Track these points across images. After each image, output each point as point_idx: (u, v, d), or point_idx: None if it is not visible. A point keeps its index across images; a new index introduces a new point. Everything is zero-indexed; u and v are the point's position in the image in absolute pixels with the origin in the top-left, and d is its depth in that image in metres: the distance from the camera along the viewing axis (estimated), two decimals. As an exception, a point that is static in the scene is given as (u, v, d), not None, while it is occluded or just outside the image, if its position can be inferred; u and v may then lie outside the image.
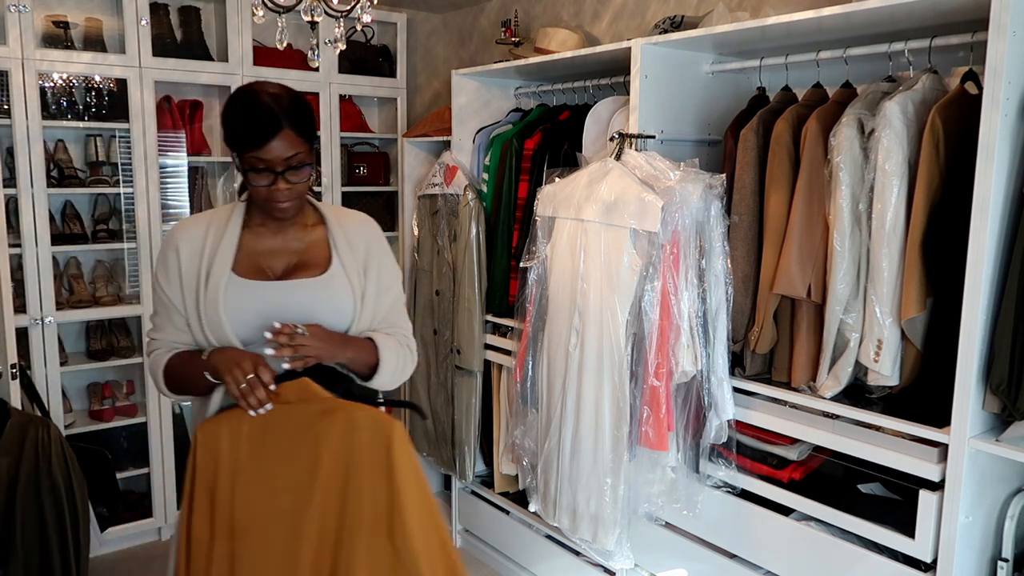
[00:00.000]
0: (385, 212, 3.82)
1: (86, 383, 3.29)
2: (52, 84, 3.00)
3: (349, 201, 3.66)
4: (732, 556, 2.16)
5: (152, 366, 1.62)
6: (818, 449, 2.03)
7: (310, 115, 1.55)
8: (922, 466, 1.73)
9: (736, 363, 2.15)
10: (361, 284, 1.63)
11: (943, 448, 1.70)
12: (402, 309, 1.75)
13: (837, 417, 1.90)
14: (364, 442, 1.45)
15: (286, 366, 1.47)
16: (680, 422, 2.15)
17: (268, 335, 1.45)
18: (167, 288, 1.59)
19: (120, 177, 3.14)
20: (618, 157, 2.26)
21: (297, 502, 1.45)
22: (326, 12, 1.93)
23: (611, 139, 2.35)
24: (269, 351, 1.44)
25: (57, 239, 3.01)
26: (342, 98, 3.57)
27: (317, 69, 3.40)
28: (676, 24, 2.44)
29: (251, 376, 1.43)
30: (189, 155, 3.27)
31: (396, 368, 1.65)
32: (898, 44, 1.91)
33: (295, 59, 3.40)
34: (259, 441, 1.46)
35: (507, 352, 2.87)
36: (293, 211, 1.59)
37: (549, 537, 2.75)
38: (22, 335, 2.83)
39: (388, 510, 1.44)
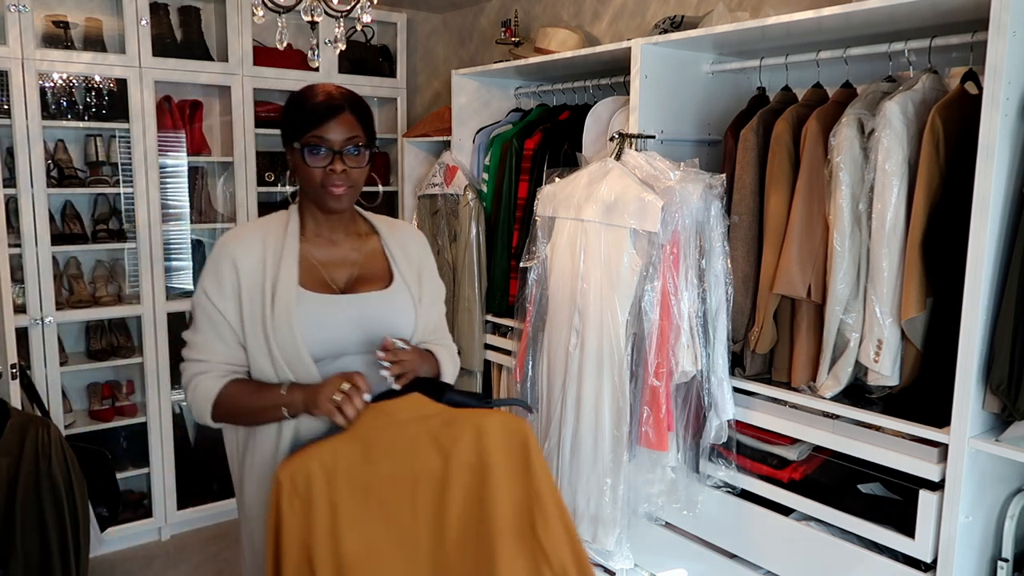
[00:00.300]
0: (385, 212, 3.80)
1: (86, 383, 3.29)
2: (52, 84, 3.00)
3: (349, 201, 3.66)
4: (732, 556, 2.16)
5: (200, 392, 1.51)
6: (818, 449, 2.03)
7: (369, 110, 1.55)
8: (922, 466, 1.73)
9: (736, 363, 2.15)
10: (419, 295, 1.63)
11: (943, 448, 1.69)
12: (445, 320, 1.75)
13: (837, 417, 1.90)
14: (497, 447, 1.42)
15: (396, 385, 1.44)
16: (680, 422, 2.15)
17: (381, 353, 1.44)
18: (220, 303, 1.50)
19: (120, 177, 3.14)
20: (618, 157, 2.26)
21: (423, 520, 1.40)
22: (326, 12, 1.93)
23: (611, 139, 2.35)
24: (384, 372, 1.43)
25: (57, 239, 3.01)
26: (342, 98, 3.57)
27: (317, 69, 3.40)
28: (676, 24, 2.44)
29: (348, 386, 1.39)
30: (189, 155, 3.27)
31: (452, 380, 1.65)
32: (898, 44, 1.91)
33: (295, 59, 3.40)
34: (360, 469, 1.37)
35: (507, 352, 2.87)
36: (347, 202, 1.54)
37: (549, 537, 2.75)
38: (22, 335, 2.83)
39: (529, 510, 1.42)
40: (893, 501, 1.89)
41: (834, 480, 2.00)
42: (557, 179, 2.41)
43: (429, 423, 1.41)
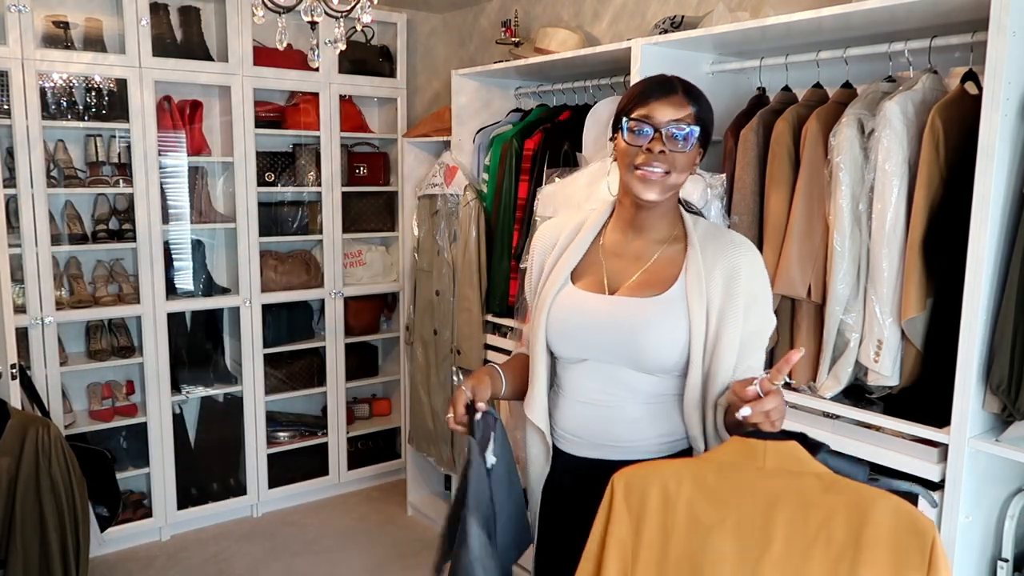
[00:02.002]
0: (385, 212, 3.82)
1: (86, 383, 3.29)
2: (52, 84, 3.00)
3: (349, 201, 3.66)
4: (732, 556, 2.16)
5: None
6: (818, 449, 2.03)
7: (706, 100, 1.43)
8: (922, 466, 1.73)
9: (736, 363, 2.14)
10: (703, 321, 1.38)
11: (943, 448, 1.69)
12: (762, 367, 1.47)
13: (837, 417, 1.90)
14: (883, 539, 1.14)
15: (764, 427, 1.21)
16: (680, 422, 2.15)
17: (752, 390, 1.22)
18: (526, 286, 1.61)
19: (120, 177, 3.14)
20: (618, 157, 2.25)
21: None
22: (326, 12, 1.93)
23: (611, 139, 2.34)
24: (742, 415, 1.20)
25: (57, 239, 3.01)
26: (342, 98, 3.57)
27: (317, 69, 3.41)
28: (676, 24, 2.44)
29: (457, 392, 1.45)
30: (189, 155, 3.28)
31: None
32: (898, 44, 1.91)
33: (295, 59, 3.40)
34: (704, 507, 1.19)
35: (507, 352, 2.86)
36: (658, 193, 1.38)
37: (549, 537, 2.74)
38: (22, 335, 2.83)
39: None
40: (893, 501, 1.89)
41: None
42: (557, 179, 2.41)
43: (803, 482, 1.18)
